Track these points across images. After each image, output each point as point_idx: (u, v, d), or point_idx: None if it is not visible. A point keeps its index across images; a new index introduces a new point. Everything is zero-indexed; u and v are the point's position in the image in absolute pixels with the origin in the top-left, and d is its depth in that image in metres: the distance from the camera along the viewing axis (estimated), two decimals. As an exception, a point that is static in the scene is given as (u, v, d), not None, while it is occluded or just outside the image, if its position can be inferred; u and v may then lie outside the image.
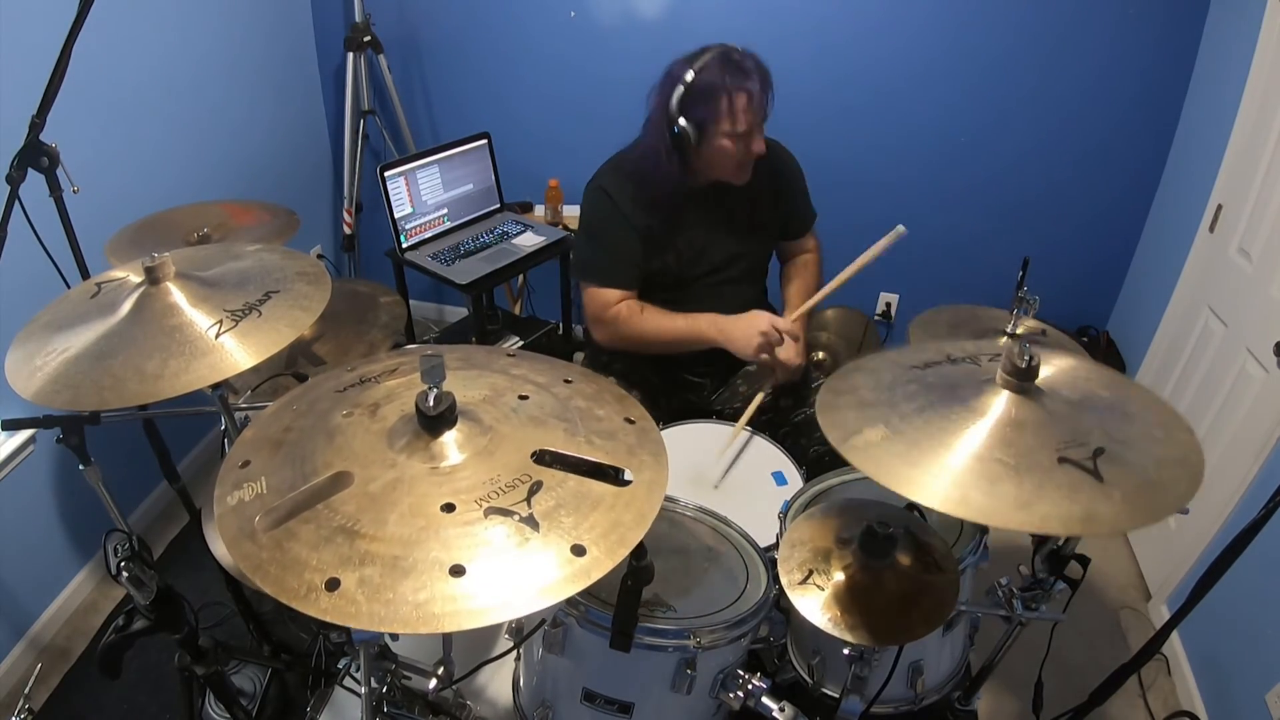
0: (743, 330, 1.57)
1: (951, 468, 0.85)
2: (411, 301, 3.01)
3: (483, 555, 0.69)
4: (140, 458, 1.66)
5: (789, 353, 1.61)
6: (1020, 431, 0.87)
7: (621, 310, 1.65)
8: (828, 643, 1.20)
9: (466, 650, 1.21)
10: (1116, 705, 1.83)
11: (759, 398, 1.63)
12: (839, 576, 1.02)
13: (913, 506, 1.09)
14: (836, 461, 1.37)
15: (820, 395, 1.01)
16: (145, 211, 1.67)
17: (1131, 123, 2.47)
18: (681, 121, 1.52)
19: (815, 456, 1.62)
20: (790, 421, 1.72)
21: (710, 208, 1.67)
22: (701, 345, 1.63)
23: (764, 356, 1.57)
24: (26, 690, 1.23)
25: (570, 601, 1.05)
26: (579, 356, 2.81)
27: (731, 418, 1.72)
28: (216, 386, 1.13)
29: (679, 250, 1.68)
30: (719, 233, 1.69)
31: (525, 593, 0.67)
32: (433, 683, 0.99)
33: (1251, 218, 1.93)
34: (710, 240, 1.69)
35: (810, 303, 1.67)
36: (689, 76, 1.50)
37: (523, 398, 0.90)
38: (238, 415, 1.32)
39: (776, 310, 1.90)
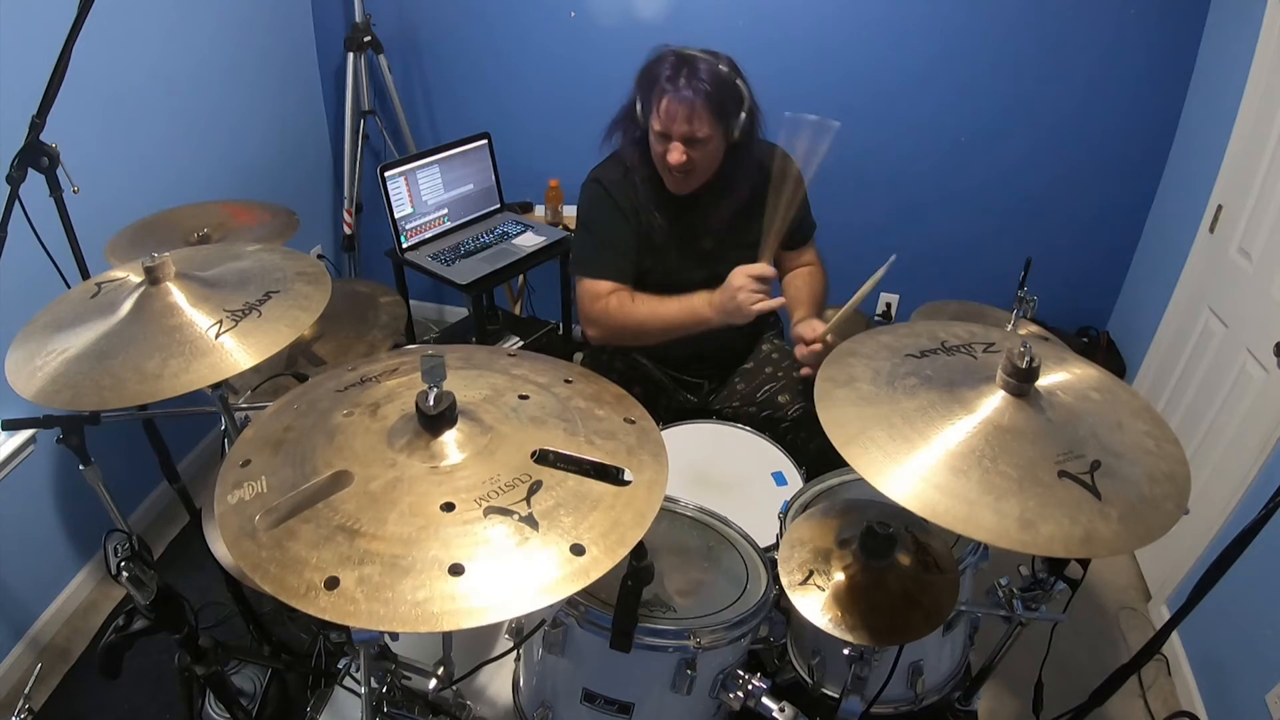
0: (728, 297, 1.51)
1: (958, 480, 0.84)
2: (411, 301, 3.01)
3: (482, 554, 0.69)
4: (140, 458, 1.66)
5: (813, 332, 1.53)
6: (1021, 440, 0.87)
7: (612, 301, 1.62)
8: (828, 643, 1.20)
9: (466, 650, 1.21)
10: (1116, 705, 1.83)
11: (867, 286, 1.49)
12: (839, 577, 1.02)
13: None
14: (838, 457, 1.38)
15: (818, 384, 1.00)
16: (145, 211, 1.67)
17: (1131, 123, 2.47)
18: (638, 101, 1.55)
19: (817, 450, 1.61)
20: (790, 417, 1.72)
21: (702, 213, 1.66)
22: (699, 328, 1.58)
23: (760, 305, 1.49)
24: (26, 690, 1.23)
25: (570, 601, 1.05)
26: (579, 356, 2.81)
27: (731, 418, 1.72)
28: (216, 386, 1.13)
29: (670, 253, 1.67)
30: (711, 240, 1.68)
31: (524, 592, 0.67)
32: (433, 683, 0.99)
33: (1251, 218, 1.93)
34: (701, 246, 1.68)
35: (832, 320, 1.62)
36: (654, 58, 1.53)
37: (523, 397, 0.90)
38: (238, 415, 1.32)
39: (779, 316, 1.89)
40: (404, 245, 2.43)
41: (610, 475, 0.79)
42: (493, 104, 2.87)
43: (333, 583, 0.67)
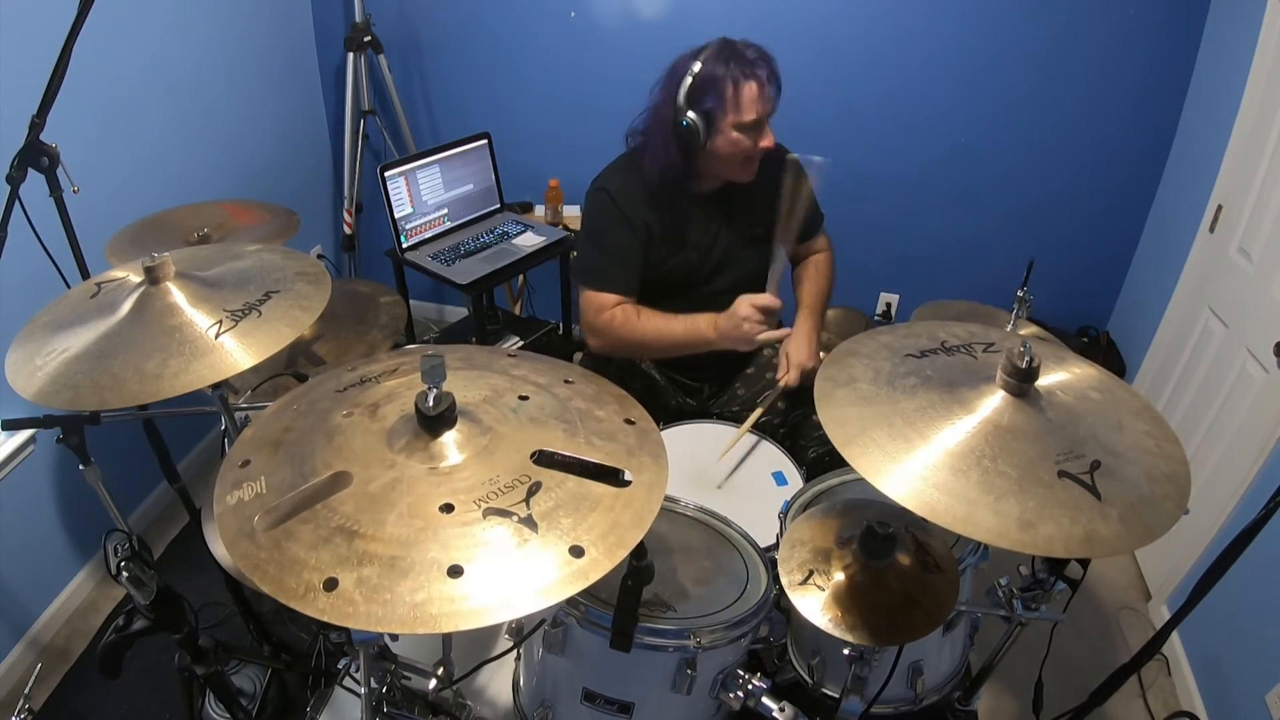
0: (733, 325, 1.52)
1: (958, 480, 0.84)
2: (411, 301, 3.01)
3: (481, 556, 0.69)
4: (140, 458, 1.66)
5: (799, 354, 1.57)
6: (1021, 440, 0.87)
7: (617, 314, 1.61)
8: (828, 643, 1.20)
9: (466, 650, 1.21)
10: (1116, 705, 1.83)
11: (761, 409, 1.60)
12: (839, 576, 1.02)
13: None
14: (835, 463, 1.38)
15: (818, 384, 1.00)
16: (145, 211, 1.67)
17: (1131, 123, 2.47)
18: (690, 114, 1.49)
19: (814, 458, 1.61)
20: (789, 423, 1.72)
21: (715, 213, 1.65)
22: (701, 348, 1.59)
23: (765, 336, 1.52)
24: (26, 690, 1.23)
25: (570, 601, 1.05)
26: (579, 357, 2.81)
27: (730, 421, 1.72)
28: (216, 386, 1.14)
29: (682, 256, 1.66)
30: (724, 239, 1.67)
31: (523, 594, 0.67)
32: (432, 683, 0.99)
33: (1251, 218, 1.93)
34: (714, 246, 1.67)
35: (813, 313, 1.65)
36: (695, 68, 1.49)
37: (523, 398, 0.90)
38: (238, 415, 1.32)
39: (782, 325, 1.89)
40: (404, 245, 2.43)
41: (610, 476, 0.79)
42: (493, 104, 2.87)
43: (331, 584, 0.67)
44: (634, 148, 1.65)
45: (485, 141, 2.61)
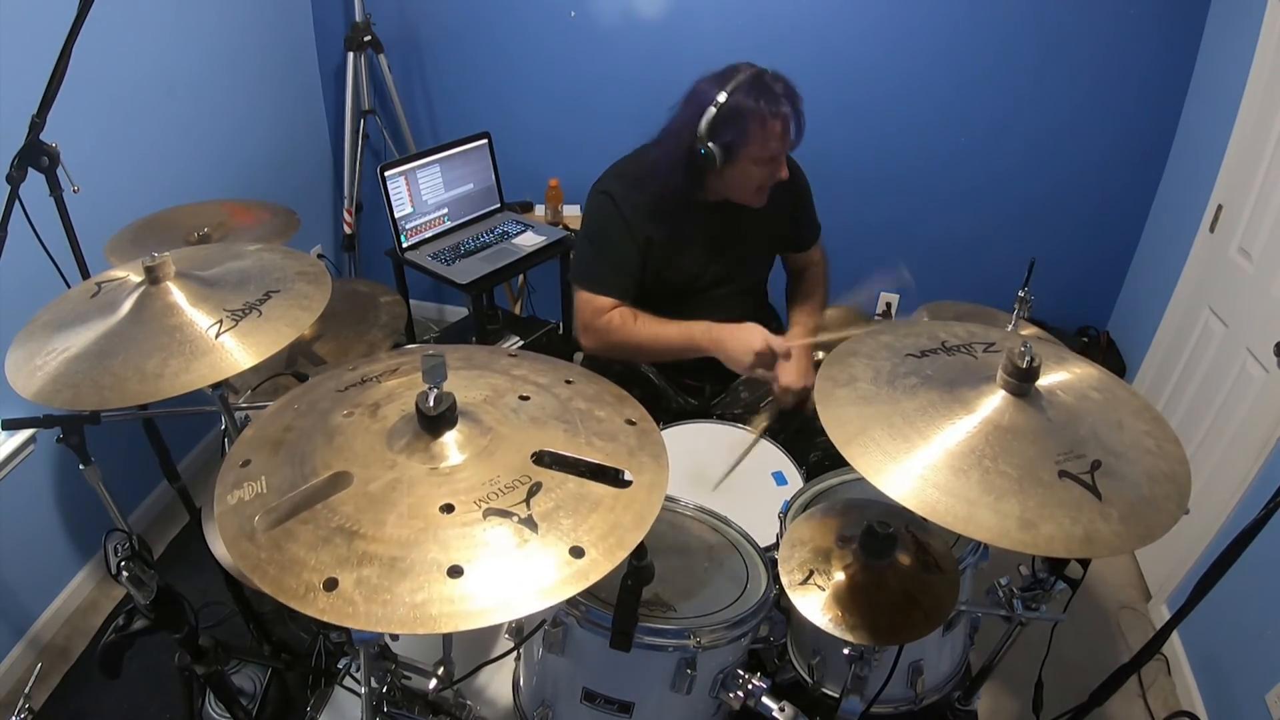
0: (737, 344, 1.53)
1: (958, 480, 0.84)
2: (412, 301, 3.01)
3: (481, 556, 0.69)
4: (140, 458, 1.66)
5: (789, 377, 1.55)
6: (1021, 439, 0.87)
7: (614, 318, 1.61)
8: (828, 642, 1.20)
9: (467, 650, 1.21)
10: (1116, 705, 1.83)
11: (759, 431, 1.58)
12: (839, 576, 1.02)
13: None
14: (835, 466, 1.38)
15: (818, 383, 1.00)
16: (145, 211, 1.67)
17: (1131, 123, 2.47)
18: (710, 144, 1.48)
19: (815, 461, 1.61)
20: (789, 427, 1.71)
21: (718, 223, 1.65)
22: (695, 354, 1.59)
23: (759, 372, 1.54)
24: (26, 690, 1.23)
25: (571, 601, 1.05)
26: (579, 356, 2.81)
27: (731, 421, 1.71)
28: (216, 386, 1.13)
29: (682, 263, 1.66)
30: (725, 248, 1.67)
31: (523, 594, 0.67)
32: (433, 683, 0.99)
33: (1251, 218, 1.93)
34: (715, 255, 1.67)
35: (818, 338, 1.62)
36: (720, 98, 1.46)
37: (523, 398, 0.90)
38: (238, 415, 1.32)
39: (778, 313, 1.90)
40: (404, 245, 2.43)
41: (610, 477, 0.79)
42: (493, 104, 2.87)
43: (331, 584, 0.67)
44: (641, 151, 1.64)
45: (485, 141, 2.61)
